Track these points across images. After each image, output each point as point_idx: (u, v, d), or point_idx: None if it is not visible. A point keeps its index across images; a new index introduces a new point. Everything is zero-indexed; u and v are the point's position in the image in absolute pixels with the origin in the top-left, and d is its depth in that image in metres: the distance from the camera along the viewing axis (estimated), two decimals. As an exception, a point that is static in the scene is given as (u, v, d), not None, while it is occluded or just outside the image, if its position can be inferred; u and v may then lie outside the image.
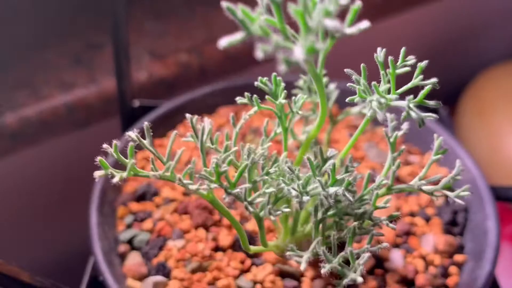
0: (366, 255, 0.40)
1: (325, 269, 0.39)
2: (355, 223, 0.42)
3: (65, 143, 0.98)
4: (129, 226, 0.65)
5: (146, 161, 0.73)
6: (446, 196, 0.67)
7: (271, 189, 0.40)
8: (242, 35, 0.32)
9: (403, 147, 0.50)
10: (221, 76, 1.07)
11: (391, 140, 0.42)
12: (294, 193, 0.39)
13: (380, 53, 0.42)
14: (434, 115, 0.41)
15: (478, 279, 0.57)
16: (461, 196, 0.47)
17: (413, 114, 0.39)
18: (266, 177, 0.41)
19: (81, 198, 0.95)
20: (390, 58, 0.41)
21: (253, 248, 0.47)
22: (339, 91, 0.80)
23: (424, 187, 0.47)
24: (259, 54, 0.30)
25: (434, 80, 0.41)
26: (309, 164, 0.40)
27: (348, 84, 0.42)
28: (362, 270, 0.39)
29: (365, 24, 0.32)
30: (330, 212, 0.41)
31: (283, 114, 0.48)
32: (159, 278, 0.59)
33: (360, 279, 0.38)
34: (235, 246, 0.61)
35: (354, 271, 0.39)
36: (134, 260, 0.62)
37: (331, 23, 0.30)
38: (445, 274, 0.61)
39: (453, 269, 0.61)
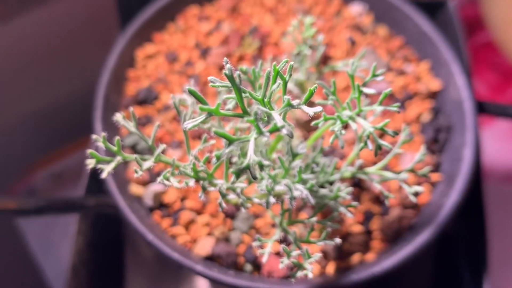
0: (318, 254, 0.46)
1: (282, 264, 0.45)
2: (314, 218, 0.47)
3: (72, 3, 0.98)
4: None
5: (148, 59, 0.75)
6: (434, 112, 0.70)
7: (243, 185, 0.44)
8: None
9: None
10: None
11: (360, 134, 0.44)
12: (262, 192, 0.43)
13: (352, 66, 0.42)
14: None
15: (445, 206, 0.63)
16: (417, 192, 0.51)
17: (370, 145, 0.41)
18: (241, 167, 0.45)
19: (85, 55, 0.98)
20: (356, 83, 0.41)
21: (234, 201, 0.53)
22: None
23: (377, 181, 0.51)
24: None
25: (396, 106, 0.41)
26: (281, 164, 0.44)
27: (317, 101, 0.43)
28: (312, 269, 0.45)
29: (317, 108, 0.33)
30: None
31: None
32: (159, 186, 0.66)
33: (310, 275, 0.45)
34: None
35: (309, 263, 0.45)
36: (137, 165, 0.68)
37: (285, 131, 0.32)
38: (417, 193, 0.67)
39: (426, 187, 0.67)
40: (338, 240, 0.47)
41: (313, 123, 0.40)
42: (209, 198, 0.65)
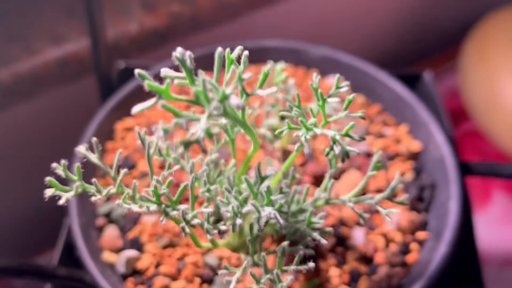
0: (289, 277, 0.42)
1: (252, 289, 0.42)
2: (285, 243, 0.44)
3: (58, 97, 1.00)
4: (107, 199, 0.69)
5: (127, 131, 0.75)
6: (416, 171, 0.69)
7: (208, 209, 0.42)
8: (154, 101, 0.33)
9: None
10: (213, 25, 1.06)
11: (330, 157, 0.42)
12: (229, 215, 0.41)
13: (315, 80, 0.42)
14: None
15: (434, 260, 0.60)
16: (393, 212, 0.49)
17: (336, 149, 0.40)
18: (207, 194, 0.43)
19: (66, 150, 0.98)
20: (319, 91, 0.41)
21: (204, 245, 0.50)
22: (321, 58, 0.80)
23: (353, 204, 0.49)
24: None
25: (361, 113, 0.41)
26: (248, 185, 0.42)
27: (281, 113, 0.43)
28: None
29: (271, 89, 0.33)
30: (265, 229, 0.43)
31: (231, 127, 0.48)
32: (132, 252, 0.63)
33: (283, 301, 0.41)
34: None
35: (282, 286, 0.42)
36: (111, 233, 0.66)
37: (234, 101, 0.31)
38: (406, 251, 0.63)
39: (414, 246, 0.64)
40: (311, 264, 0.44)
41: (277, 131, 0.39)
42: (184, 262, 0.62)
